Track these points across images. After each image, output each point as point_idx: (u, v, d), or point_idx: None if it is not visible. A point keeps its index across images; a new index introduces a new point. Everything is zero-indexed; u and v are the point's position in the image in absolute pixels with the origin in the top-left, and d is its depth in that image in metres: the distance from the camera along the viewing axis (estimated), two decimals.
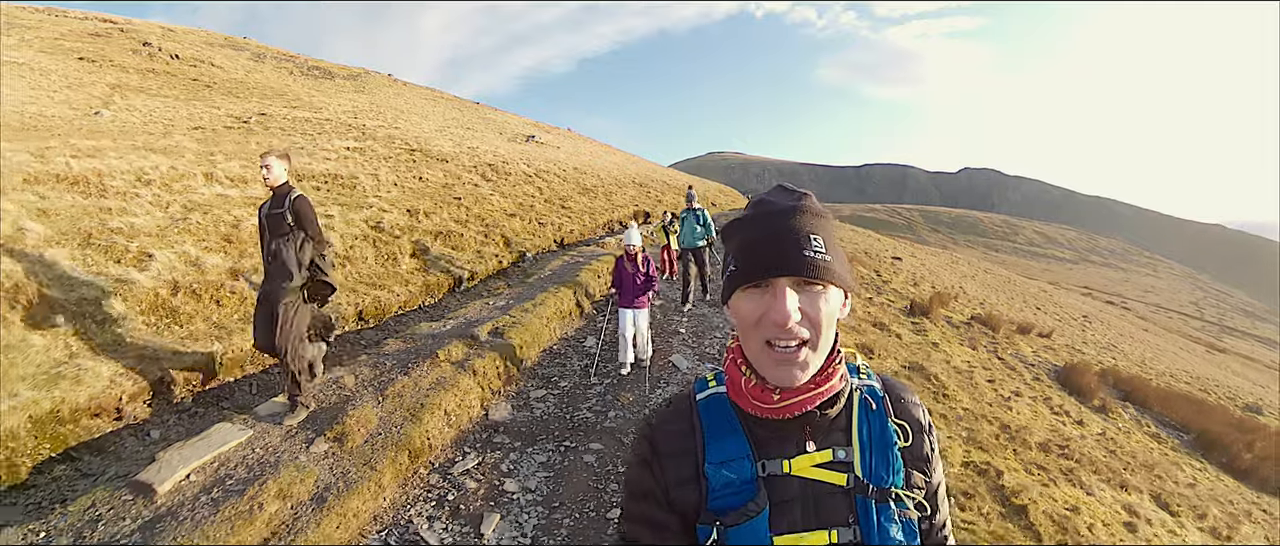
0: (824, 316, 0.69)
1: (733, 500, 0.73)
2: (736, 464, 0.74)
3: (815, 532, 0.72)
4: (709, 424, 0.77)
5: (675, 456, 0.77)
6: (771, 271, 0.69)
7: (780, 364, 0.69)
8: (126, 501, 2.46)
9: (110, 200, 5.34)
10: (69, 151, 7.20)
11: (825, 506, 0.73)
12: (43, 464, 2.89)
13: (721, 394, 0.80)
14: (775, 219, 0.72)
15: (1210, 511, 7.01)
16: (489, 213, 8.66)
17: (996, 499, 3.12)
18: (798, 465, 0.74)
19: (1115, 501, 4.78)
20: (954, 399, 4.94)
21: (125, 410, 3.22)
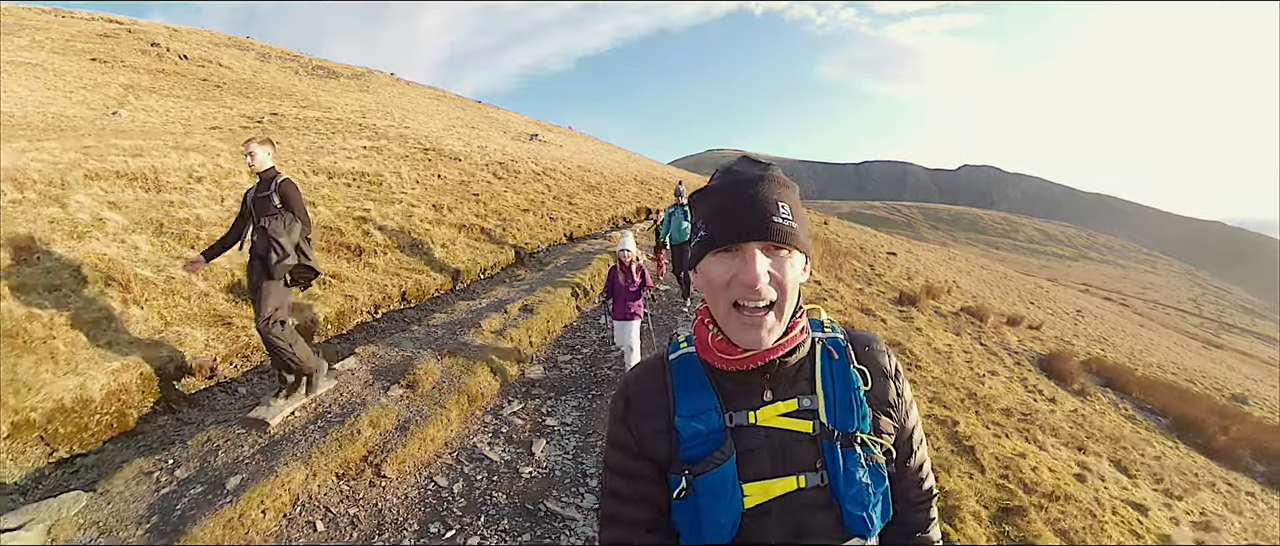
0: (789, 279, 0.74)
1: (701, 450, 0.76)
2: (705, 416, 0.77)
3: (783, 479, 0.75)
4: (680, 381, 0.81)
5: (648, 412, 0.80)
6: (743, 236, 0.73)
7: (747, 327, 0.74)
8: (240, 434, 3.09)
9: (168, 194, 5.95)
10: (116, 150, 7.79)
11: (792, 453, 0.76)
12: (146, 415, 3.51)
13: (691, 353, 0.84)
14: (745, 187, 0.75)
15: (1169, 477, 7.61)
16: (504, 208, 9.31)
17: (949, 440, 3.74)
18: (763, 415, 0.77)
19: (1070, 459, 5.41)
20: (926, 370, 5.57)
21: (217, 370, 3.84)
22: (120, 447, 3.25)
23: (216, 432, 3.15)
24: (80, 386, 3.20)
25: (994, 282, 34.15)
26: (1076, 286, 68.51)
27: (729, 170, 0.79)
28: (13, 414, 3.02)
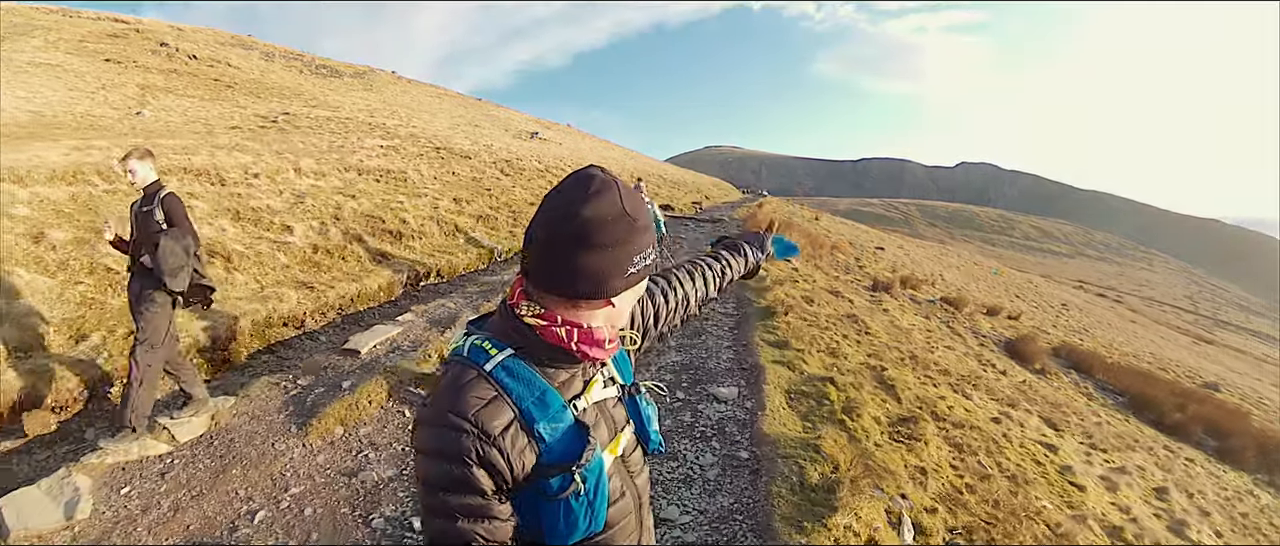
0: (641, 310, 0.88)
1: (564, 446, 0.79)
2: (558, 414, 0.80)
3: (616, 439, 0.89)
4: (515, 388, 0.79)
5: (506, 431, 0.76)
6: (637, 289, 0.83)
7: (602, 348, 0.82)
8: (339, 359, 4.20)
9: (233, 188, 7.04)
10: (172, 150, 8.85)
11: (614, 416, 0.90)
12: (253, 354, 4.61)
13: (511, 356, 0.80)
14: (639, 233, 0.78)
15: (1103, 438, 8.64)
16: (514, 201, 10.43)
17: (875, 381, 4.79)
18: (590, 394, 0.86)
19: (995, 410, 6.52)
20: (874, 336, 6.65)
21: (305, 322, 4.94)
22: (238, 375, 4.36)
23: (321, 358, 4.26)
24: (209, 327, 4.30)
25: (982, 277, 35.29)
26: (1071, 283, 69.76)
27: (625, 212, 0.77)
28: None
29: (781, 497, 2.40)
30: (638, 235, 0.77)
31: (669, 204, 20.10)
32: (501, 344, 0.81)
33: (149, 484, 2.93)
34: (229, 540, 2.59)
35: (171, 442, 3.23)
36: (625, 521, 0.90)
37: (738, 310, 6.28)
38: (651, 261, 0.81)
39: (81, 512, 2.76)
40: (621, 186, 0.78)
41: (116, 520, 2.73)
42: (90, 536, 2.65)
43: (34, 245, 4.93)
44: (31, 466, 3.50)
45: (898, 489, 2.97)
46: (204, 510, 2.74)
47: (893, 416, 4.09)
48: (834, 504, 2.36)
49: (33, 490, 2.91)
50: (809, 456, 2.79)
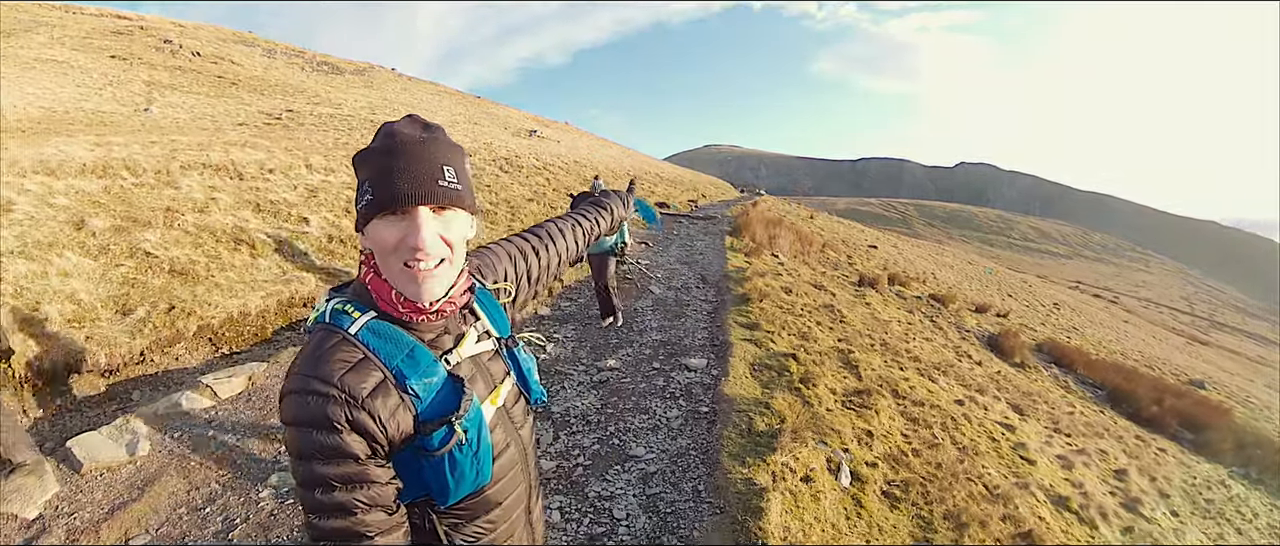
0: (456, 237, 0.82)
1: (440, 401, 0.81)
2: (430, 370, 0.82)
3: (495, 391, 0.92)
4: (382, 348, 0.80)
5: (374, 393, 0.76)
6: (410, 200, 0.76)
7: (418, 282, 0.79)
8: None
9: (251, 182, 7.52)
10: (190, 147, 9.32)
11: (491, 369, 0.93)
12: (278, 329, 5.11)
13: (374, 317, 0.82)
14: (410, 149, 0.78)
15: (1069, 423, 9.09)
16: (512, 198, 10.93)
17: (840, 361, 5.28)
18: (463, 349, 0.88)
19: (962, 393, 7.02)
20: (849, 324, 7.14)
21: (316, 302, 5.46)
22: (264, 347, 4.87)
23: None
24: (242, 305, 4.80)
25: (976, 277, 35.81)
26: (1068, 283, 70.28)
27: (392, 131, 0.79)
28: (198, 320, 4.63)
29: (731, 440, 2.90)
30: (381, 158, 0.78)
31: (665, 201, 20.61)
32: (364, 307, 0.83)
33: (197, 430, 3.43)
34: (267, 471, 3.10)
35: (214, 398, 3.73)
36: (512, 473, 0.93)
37: (716, 297, 6.79)
38: (377, 196, 0.78)
39: (142, 450, 3.26)
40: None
41: (172, 456, 3.23)
42: (150, 469, 3.15)
43: (76, 231, 5.41)
44: (83, 422, 4.00)
45: (841, 444, 3.46)
46: (248, 447, 3.25)
47: (849, 389, 4.59)
48: (775, 447, 2.85)
49: (95, 435, 3.41)
50: (760, 411, 3.30)
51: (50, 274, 4.72)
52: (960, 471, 4.27)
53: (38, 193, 6.06)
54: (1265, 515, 8.91)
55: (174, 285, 4.85)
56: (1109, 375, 15.11)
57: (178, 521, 2.77)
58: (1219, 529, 7.19)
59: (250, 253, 5.52)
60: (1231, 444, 11.90)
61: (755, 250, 10.58)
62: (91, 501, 2.92)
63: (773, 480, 2.53)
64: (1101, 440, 9.20)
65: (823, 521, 2.41)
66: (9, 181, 6.26)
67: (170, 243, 5.39)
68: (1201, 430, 12.41)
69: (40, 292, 4.46)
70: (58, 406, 4.06)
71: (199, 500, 2.90)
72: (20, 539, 2.70)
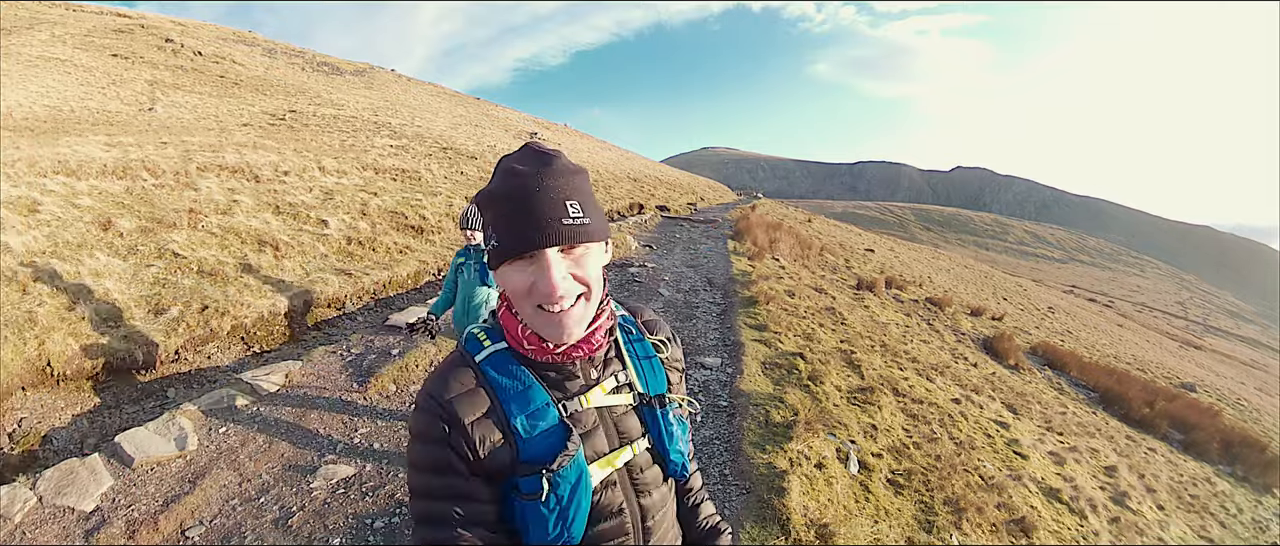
0: (592, 274, 0.78)
1: (547, 446, 0.78)
2: (541, 413, 0.79)
3: (620, 451, 0.84)
4: (500, 381, 0.81)
5: (477, 422, 0.78)
6: (534, 245, 0.73)
7: (555, 327, 0.76)
8: (382, 334, 4.91)
9: (268, 184, 7.72)
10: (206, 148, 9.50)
11: (622, 425, 0.86)
12: (304, 328, 5.32)
13: (502, 349, 0.83)
14: (531, 188, 0.75)
15: (1061, 422, 9.37)
16: None
17: (843, 360, 5.54)
18: (591, 398, 0.83)
19: (958, 393, 7.28)
20: (849, 326, 7.40)
21: (345, 304, 5.65)
22: (292, 346, 5.07)
23: (367, 334, 4.97)
24: (271, 305, 5.01)
25: (974, 281, 36.20)
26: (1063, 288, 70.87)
27: (511, 169, 0.78)
28: (232, 320, 4.84)
29: (750, 430, 3.14)
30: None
31: (665, 204, 20.86)
32: (497, 337, 0.84)
33: (242, 425, 3.64)
34: (315, 463, 3.30)
35: (253, 395, 3.94)
36: (618, 542, 0.85)
37: (724, 300, 7.04)
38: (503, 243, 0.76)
39: (190, 445, 3.46)
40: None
41: (220, 450, 3.43)
42: (201, 462, 3.35)
43: (103, 232, 5.61)
44: (122, 419, 4.20)
45: (849, 436, 3.71)
46: (293, 441, 3.45)
47: (853, 387, 4.84)
48: (791, 436, 3.09)
49: (142, 430, 3.60)
50: (775, 405, 3.54)
51: (83, 273, 4.91)
52: (958, 463, 4.52)
53: (62, 193, 6.25)
54: (1249, 510, 9.21)
55: (204, 285, 5.05)
56: (1101, 378, 15.42)
57: (232, 512, 2.96)
58: (1202, 521, 7.48)
59: (274, 254, 5.73)
60: (1219, 444, 12.21)
61: (757, 254, 10.84)
62: (145, 494, 3.10)
63: (790, 465, 2.77)
64: (1093, 439, 9.48)
65: (836, 503, 2.64)
66: (30, 181, 6.45)
67: (197, 244, 5.58)
68: (1190, 430, 12.70)
69: (76, 292, 4.66)
70: (97, 404, 4.26)
71: (252, 491, 3.09)
72: (80, 530, 2.87)
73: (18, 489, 3.04)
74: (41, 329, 4.21)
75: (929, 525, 2.96)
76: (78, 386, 4.29)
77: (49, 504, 2.98)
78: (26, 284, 4.59)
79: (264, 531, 2.81)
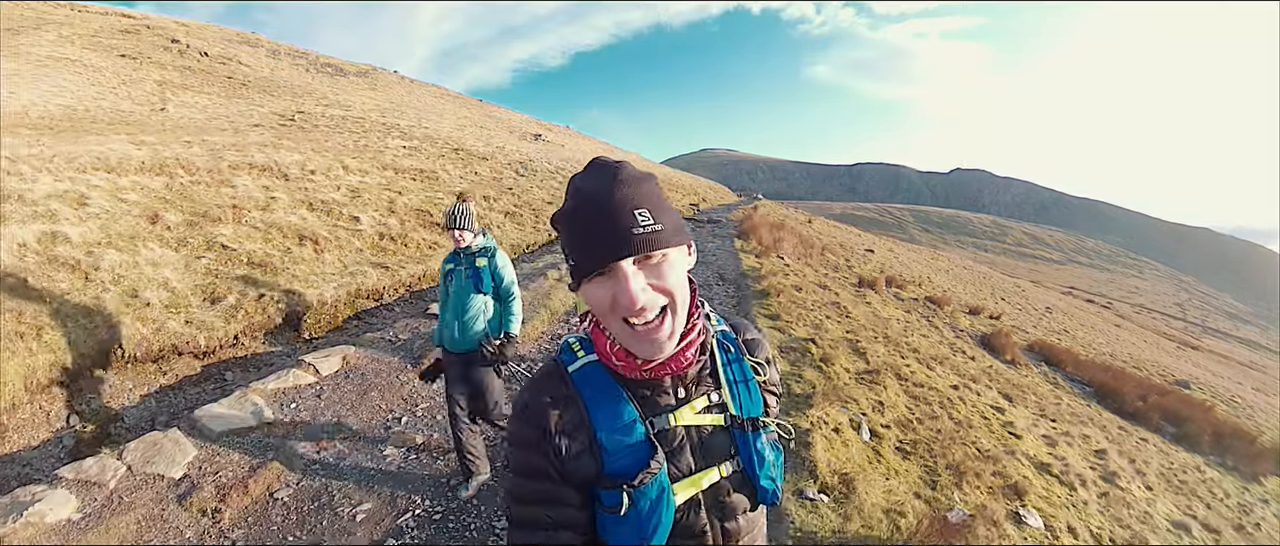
0: (673, 282, 0.76)
1: (631, 461, 0.79)
2: (627, 427, 0.80)
3: (707, 472, 0.82)
4: (589, 393, 0.82)
5: (565, 432, 0.80)
6: (607, 259, 0.73)
7: (644, 341, 0.76)
8: (424, 321, 5.29)
9: (298, 182, 8.09)
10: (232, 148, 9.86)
11: (710, 446, 0.83)
12: (346, 319, 5.70)
13: (594, 362, 0.84)
14: (598, 203, 0.75)
15: (1055, 411, 9.80)
16: (533, 200, 11.56)
17: (850, 348, 5.95)
18: (681, 415, 0.82)
19: (956, 380, 7.70)
20: (853, 318, 7.81)
21: (383, 295, 6.04)
22: (337, 334, 5.45)
23: (409, 321, 5.37)
24: (318, 295, 5.39)
25: (972, 281, 36.69)
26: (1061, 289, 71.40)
27: (578, 188, 0.78)
28: (286, 309, 5.22)
29: None
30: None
31: None
32: (591, 348, 0.85)
33: (309, 400, 4.02)
34: (383, 434, 3.69)
35: (316, 375, 4.32)
36: None
37: (737, 293, 7.46)
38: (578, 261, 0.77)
39: (266, 416, 3.84)
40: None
41: (294, 421, 3.81)
42: (277, 434, 3.72)
43: (151, 225, 5.98)
44: (187, 399, 4.57)
45: (860, 409, 4.11)
46: (360, 415, 3.84)
47: (861, 369, 5.25)
48: (811, 404, 3.48)
49: (217, 405, 3.99)
50: (794, 380, 3.94)
51: (140, 263, 5.29)
52: (957, 437, 4.94)
53: (106, 188, 6.62)
54: (1236, 495, 9.64)
55: (255, 275, 5.43)
56: (1096, 373, 15.83)
57: (315, 476, 3.32)
58: (1188, 502, 7.90)
59: (314, 248, 6.11)
60: (1210, 436, 12.62)
61: (764, 252, 11.25)
62: (230, 462, 3.45)
63: (812, 426, 3.16)
64: (1086, 427, 9.88)
65: (853, 462, 3.04)
66: (72, 176, 6.82)
67: (243, 237, 5.97)
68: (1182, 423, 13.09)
69: (136, 280, 5.04)
70: (161, 384, 4.64)
71: (330, 458, 3.46)
72: (172, 495, 3.22)
73: (106, 459, 3.40)
74: (110, 314, 4.59)
75: (933, 484, 3.36)
76: (143, 368, 4.66)
77: (138, 472, 3.33)
78: (88, 272, 4.96)
79: (350, 491, 3.18)
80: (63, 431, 4.07)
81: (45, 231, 5.28)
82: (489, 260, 3.08)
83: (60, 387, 4.21)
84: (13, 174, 6.48)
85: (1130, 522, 5.78)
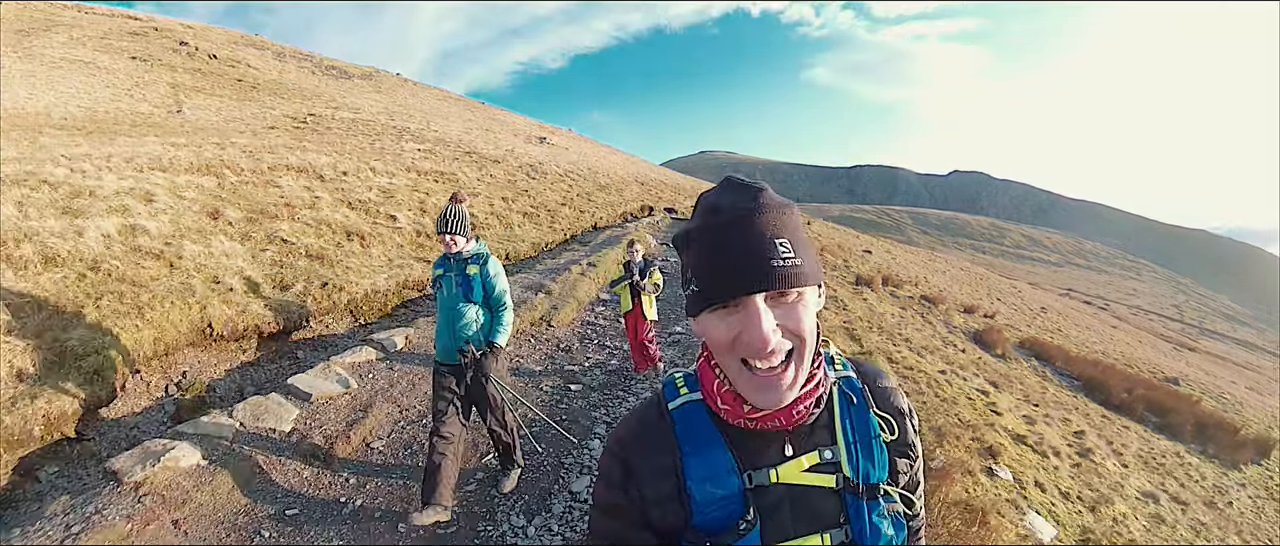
0: (806, 326, 0.68)
1: (720, 516, 0.72)
2: (721, 478, 0.73)
3: (807, 538, 0.72)
4: (686, 436, 0.76)
5: (652, 475, 0.76)
6: (740, 291, 0.66)
7: (763, 388, 0.68)
8: None
9: (334, 183, 8.77)
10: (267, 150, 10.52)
11: (815, 509, 0.73)
12: (395, 307, 6.39)
13: (696, 401, 0.78)
14: (736, 227, 0.68)
15: (1039, 399, 10.50)
16: (547, 202, 12.28)
17: (846, 335, 6.67)
18: (785, 472, 0.73)
19: (945, 367, 8.42)
20: (850, 310, 8.55)
21: (426, 288, 6.73)
22: (389, 319, 6.14)
23: None
24: (372, 284, 6.08)
25: (969, 282, 37.46)
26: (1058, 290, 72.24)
27: (714, 206, 0.71)
28: (349, 295, 5.91)
29: None
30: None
31: (672, 206, 21.99)
32: (696, 385, 0.80)
33: (383, 372, 4.71)
34: None
35: (384, 351, 5.01)
36: None
37: None
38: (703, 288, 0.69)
39: (352, 385, 4.53)
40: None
41: (376, 389, 4.50)
42: (363, 398, 4.40)
43: (213, 220, 6.65)
44: (267, 373, 5.25)
45: None
46: (429, 384, 4.52)
47: (855, 351, 5.98)
48: None
49: (306, 375, 4.66)
50: None
51: (215, 253, 5.97)
52: (941, 409, 5.66)
53: (165, 186, 7.29)
54: (1213, 479, 10.32)
55: (315, 267, 6.12)
56: (1085, 368, 16.49)
57: (401, 431, 4.00)
58: (1162, 480, 8.62)
59: (361, 243, 6.80)
60: (1192, 426, 13.29)
61: None
62: (329, 419, 4.13)
63: None
64: (1068, 414, 10.55)
65: None
66: (133, 175, 7.49)
67: (298, 232, 6.65)
68: (1166, 414, 13.71)
69: (215, 268, 5.71)
70: (243, 361, 5.32)
71: (413, 416, 4.16)
72: (287, 444, 3.88)
73: (219, 417, 4.07)
74: (200, 297, 5.26)
75: None
76: (226, 346, 5.34)
77: (250, 427, 4.00)
78: (173, 261, 5.64)
79: None
80: (163, 399, 4.74)
81: (124, 224, 5.96)
82: (480, 267, 2.99)
83: (159, 361, 4.89)
84: (76, 172, 7.16)
85: (1100, 488, 6.50)
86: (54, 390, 4.04)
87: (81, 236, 5.50)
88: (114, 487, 3.29)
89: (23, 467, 3.72)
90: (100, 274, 5.08)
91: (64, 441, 4.00)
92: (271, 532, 3.11)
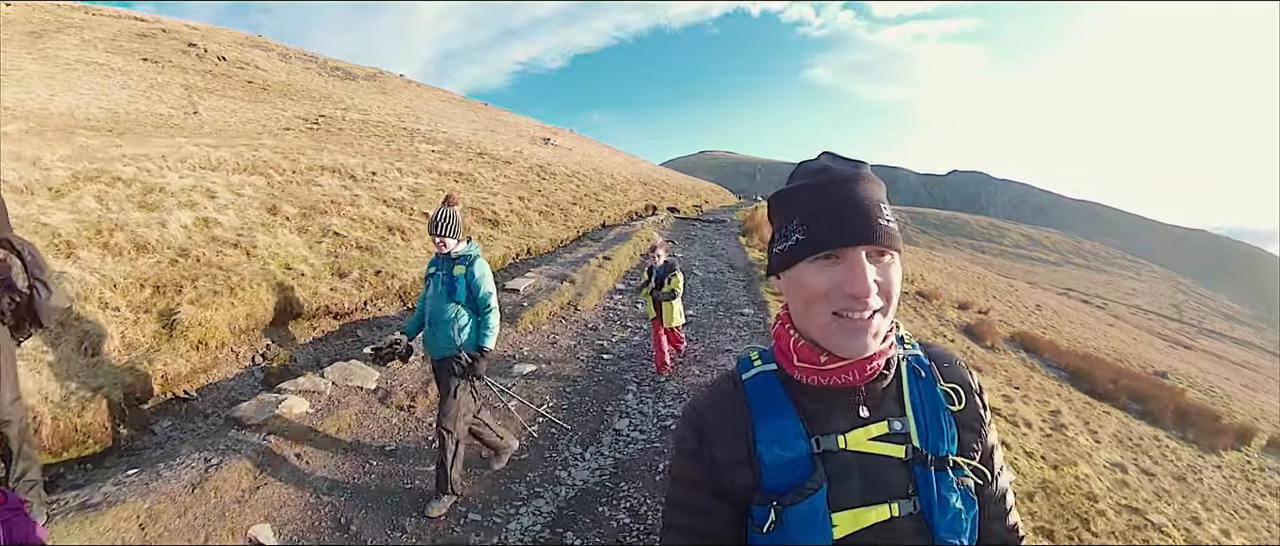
0: (896, 285, 0.73)
1: (788, 479, 0.75)
2: (790, 441, 0.76)
3: (875, 507, 0.74)
4: (758, 403, 0.79)
5: (725, 440, 0.79)
6: (849, 240, 0.70)
7: (853, 333, 0.71)
8: (505, 294, 6.82)
9: (366, 183, 9.58)
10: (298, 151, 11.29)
11: (884, 479, 0.75)
12: None
13: (769, 371, 0.82)
14: (846, 185, 0.73)
15: (1023, 384, 11.33)
16: (559, 201, 13.12)
17: None
18: (853, 439, 0.76)
19: None
20: None
21: None
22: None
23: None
24: (418, 272, 6.91)
25: (965, 280, 38.33)
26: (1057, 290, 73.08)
27: (824, 168, 0.77)
28: (398, 283, 6.73)
29: None
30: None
31: (674, 206, 22.87)
32: (770, 358, 0.83)
33: None
34: (507, 366, 5.20)
35: None
36: None
37: (746, 278, 9.05)
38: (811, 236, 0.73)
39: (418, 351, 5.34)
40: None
41: None
42: (428, 368, 5.21)
43: (271, 216, 7.45)
44: (334, 349, 6.06)
45: None
46: None
47: None
48: None
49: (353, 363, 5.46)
50: None
51: (281, 244, 6.78)
52: None
53: (222, 184, 8.09)
54: (1189, 459, 11.09)
55: (366, 257, 6.94)
56: (1072, 360, 17.26)
57: None
58: (1134, 456, 9.46)
59: (401, 237, 7.62)
60: (1173, 413, 14.04)
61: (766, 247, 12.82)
62: (406, 380, 4.96)
63: None
64: (1049, 398, 11.25)
65: None
66: (192, 173, 8.27)
67: (348, 226, 7.47)
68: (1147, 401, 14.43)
69: (286, 257, 6.52)
70: (313, 337, 6.14)
71: None
72: (376, 398, 4.69)
73: (315, 377, 4.89)
74: (280, 281, 6.07)
75: None
76: (299, 324, 6.15)
77: (342, 385, 4.83)
78: (249, 249, 6.44)
79: (493, 399, 4.70)
80: (252, 367, 5.56)
81: (197, 218, 6.76)
82: (467, 268, 3.11)
83: (247, 335, 5.70)
84: (142, 170, 7.96)
85: (1069, 456, 7.34)
86: (169, 355, 4.86)
87: (165, 227, 6.30)
88: (237, 430, 4.09)
89: (139, 422, 4.52)
90: (190, 260, 5.88)
91: (174, 399, 4.81)
92: (377, 462, 3.93)
